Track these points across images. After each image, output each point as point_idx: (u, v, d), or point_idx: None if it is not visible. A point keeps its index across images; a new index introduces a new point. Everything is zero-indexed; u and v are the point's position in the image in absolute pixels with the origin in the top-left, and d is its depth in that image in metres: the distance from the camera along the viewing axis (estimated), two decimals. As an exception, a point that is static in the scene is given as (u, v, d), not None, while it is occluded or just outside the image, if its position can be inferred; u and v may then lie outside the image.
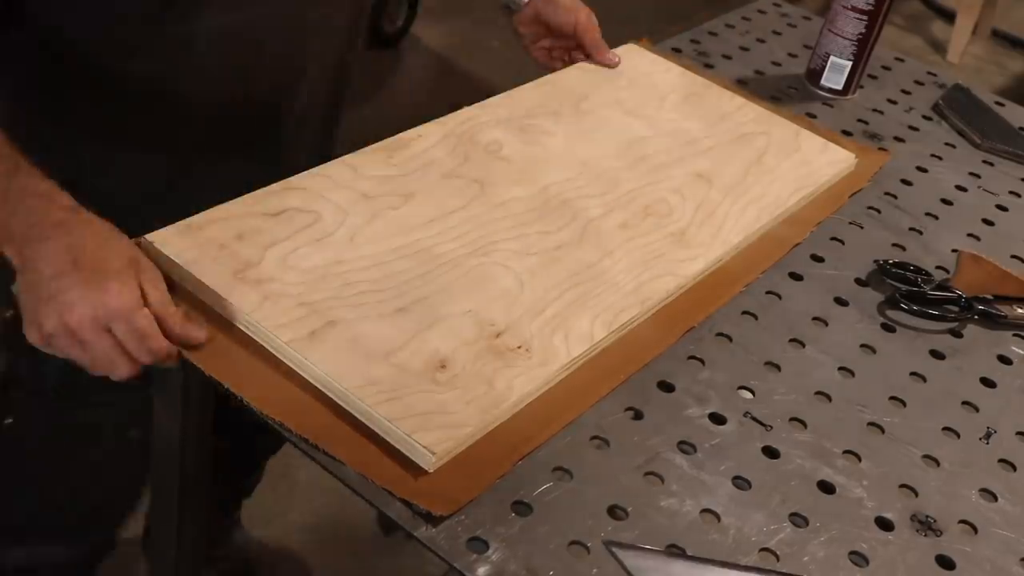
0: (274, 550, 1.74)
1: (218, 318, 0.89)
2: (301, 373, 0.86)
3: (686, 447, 0.88)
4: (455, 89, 1.26)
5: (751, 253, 1.11)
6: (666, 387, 0.94)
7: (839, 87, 1.44)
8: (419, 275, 0.96)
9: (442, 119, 1.17)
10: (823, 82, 1.44)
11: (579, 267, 1.01)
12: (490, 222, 1.04)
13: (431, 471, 0.80)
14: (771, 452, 0.90)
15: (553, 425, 0.87)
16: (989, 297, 1.09)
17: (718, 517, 0.83)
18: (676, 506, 0.83)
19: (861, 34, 1.40)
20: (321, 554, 1.74)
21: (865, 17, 1.38)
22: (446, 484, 0.80)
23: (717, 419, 0.92)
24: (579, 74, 1.32)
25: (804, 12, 1.67)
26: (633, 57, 1.39)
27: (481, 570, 0.75)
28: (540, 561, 0.77)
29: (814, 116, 1.39)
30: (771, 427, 0.92)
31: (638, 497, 0.83)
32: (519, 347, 0.91)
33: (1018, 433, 0.97)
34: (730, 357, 0.98)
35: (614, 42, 1.35)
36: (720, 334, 1.00)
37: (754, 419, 0.92)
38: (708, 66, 1.45)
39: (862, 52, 1.41)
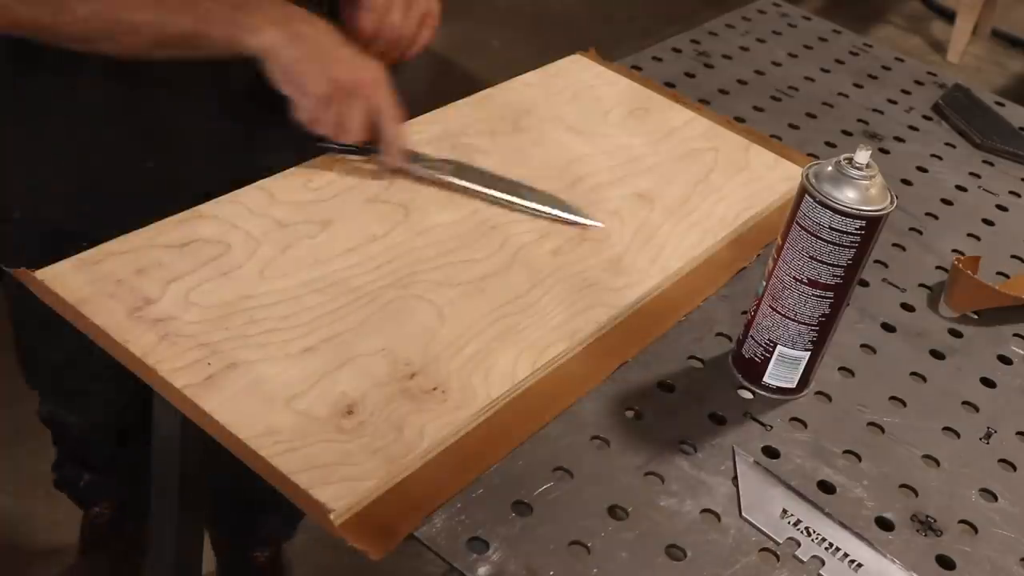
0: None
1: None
2: (195, 422, 0.80)
3: (686, 447, 0.88)
4: (455, 89, 1.25)
5: (692, 279, 1.05)
6: (666, 387, 0.94)
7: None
8: (331, 311, 0.90)
9: None
10: None
11: (506, 298, 0.95)
12: (413, 250, 0.98)
13: (336, 525, 0.75)
14: (771, 452, 0.90)
15: (468, 474, 0.81)
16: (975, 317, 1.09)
17: (718, 517, 0.83)
18: (676, 506, 0.83)
19: None
20: (321, 554, 1.74)
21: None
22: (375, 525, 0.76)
23: (717, 419, 0.92)
24: (521, 88, 1.25)
25: (804, 12, 1.67)
26: (578, 69, 1.31)
27: (481, 570, 0.75)
28: (540, 561, 0.77)
29: (814, 116, 1.39)
30: (771, 427, 0.92)
31: (638, 497, 0.83)
32: (434, 389, 0.85)
33: (1018, 433, 0.97)
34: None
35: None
36: (720, 334, 1.00)
37: (754, 419, 0.92)
38: (708, 66, 1.45)
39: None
